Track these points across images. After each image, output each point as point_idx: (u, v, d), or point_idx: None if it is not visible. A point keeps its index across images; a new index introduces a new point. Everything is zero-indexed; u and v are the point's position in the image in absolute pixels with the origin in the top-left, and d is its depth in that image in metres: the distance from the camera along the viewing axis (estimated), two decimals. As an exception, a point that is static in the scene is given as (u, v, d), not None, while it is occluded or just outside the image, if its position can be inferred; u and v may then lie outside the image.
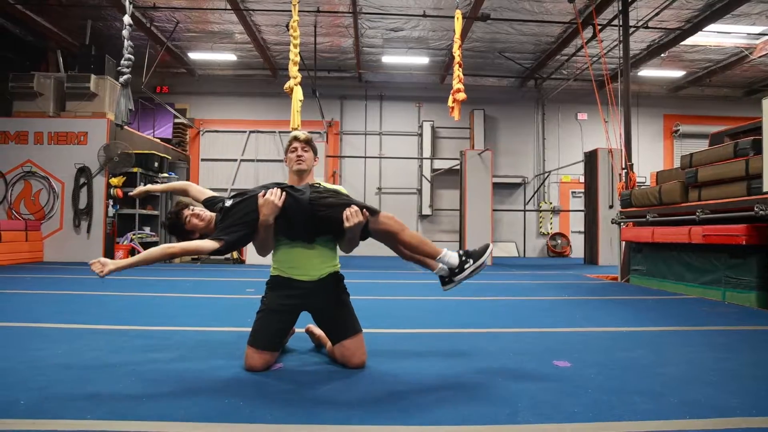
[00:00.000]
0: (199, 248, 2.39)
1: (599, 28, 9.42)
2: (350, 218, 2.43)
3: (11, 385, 2.17)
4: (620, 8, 8.48)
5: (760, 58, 11.86)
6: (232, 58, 13.17)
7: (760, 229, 4.79)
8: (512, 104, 15.18)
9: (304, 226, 2.51)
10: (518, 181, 15.09)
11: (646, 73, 13.51)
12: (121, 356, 2.70)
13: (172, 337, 3.20)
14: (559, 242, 14.91)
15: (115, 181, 9.91)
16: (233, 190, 14.38)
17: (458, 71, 7.40)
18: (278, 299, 2.56)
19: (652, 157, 15.03)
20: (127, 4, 7.22)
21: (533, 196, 15.02)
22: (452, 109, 7.44)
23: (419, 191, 14.85)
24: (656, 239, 6.21)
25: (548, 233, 15.06)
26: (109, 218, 9.96)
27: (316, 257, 2.60)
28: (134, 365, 2.51)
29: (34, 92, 9.99)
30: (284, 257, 2.60)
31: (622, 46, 8.28)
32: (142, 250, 9.90)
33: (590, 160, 11.65)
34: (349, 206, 2.46)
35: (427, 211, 14.68)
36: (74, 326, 3.52)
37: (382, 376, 2.41)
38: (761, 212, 4.60)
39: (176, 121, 13.61)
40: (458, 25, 7.53)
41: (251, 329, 2.52)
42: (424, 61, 13.22)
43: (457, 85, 7.30)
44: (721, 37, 11.07)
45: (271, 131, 14.53)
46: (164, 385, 2.21)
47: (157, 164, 10.74)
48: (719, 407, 1.98)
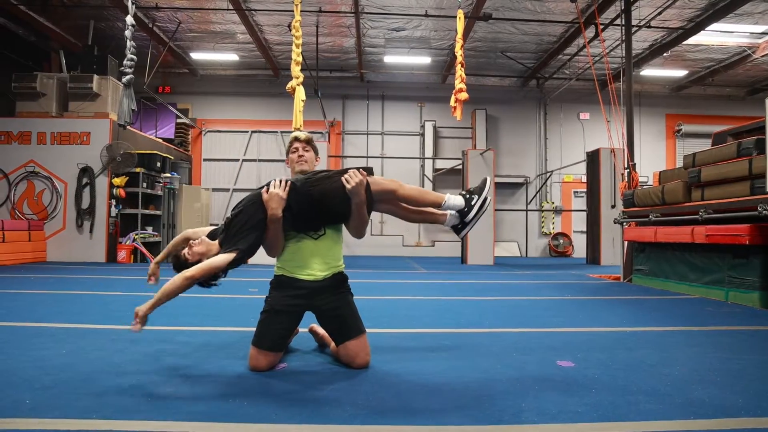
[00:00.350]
0: (214, 265, 2.32)
1: (601, 27, 9.40)
2: (350, 180, 2.45)
3: (17, 384, 2.18)
4: (622, 7, 8.47)
5: (762, 57, 11.84)
6: (234, 58, 13.19)
7: (763, 228, 4.79)
8: (514, 104, 15.17)
9: (308, 211, 2.51)
10: (520, 180, 15.08)
11: (648, 72, 13.50)
12: (125, 356, 2.71)
13: (175, 337, 3.21)
14: (561, 242, 14.90)
15: (117, 181, 9.93)
16: (235, 190, 14.40)
17: (460, 71, 7.40)
18: (283, 300, 2.55)
19: (654, 156, 15.02)
20: (129, 4, 7.24)
21: (535, 195, 15.02)
22: (454, 108, 7.45)
23: (421, 191, 14.83)
24: (659, 239, 6.20)
25: (550, 233, 15.05)
26: (111, 218, 9.98)
27: (322, 256, 2.59)
28: (138, 365, 2.52)
29: (37, 92, 10.01)
30: (290, 257, 2.60)
31: (624, 45, 8.26)
32: (144, 249, 9.93)
33: (592, 159, 11.64)
34: (345, 172, 2.49)
35: (429, 210, 14.66)
36: (78, 326, 3.53)
37: (385, 376, 2.41)
38: (765, 212, 4.59)
39: (178, 121, 13.63)
40: (460, 24, 7.53)
41: (255, 329, 2.53)
42: (425, 60, 13.22)
43: (459, 84, 7.30)
44: (723, 36, 11.05)
45: (273, 131, 14.54)
46: (169, 384, 2.21)
47: (159, 164, 10.75)
48: (725, 407, 1.98)
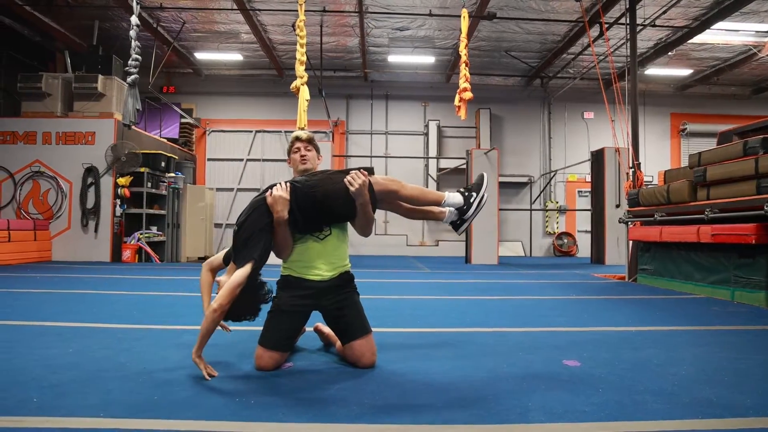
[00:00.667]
0: (234, 284, 2.31)
1: (606, 26, 9.38)
2: (353, 181, 2.46)
3: (24, 383, 2.19)
4: (627, 6, 8.44)
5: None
6: (238, 58, 13.21)
7: (769, 228, 4.76)
8: (518, 103, 15.15)
9: (312, 212, 2.52)
10: (524, 180, 15.06)
11: (653, 71, 13.45)
12: (131, 355, 2.72)
13: (181, 336, 3.21)
14: (565, 241, 14.87)
15: (122, 180, 9.96)
16: (239, 190, 14.42)
17: (465, 70, 7.39)
18: (290, 299, 2.56)
19: (659, 156, 14.97)
20: (134, 4, 7.26)
21: (539, 195, 14.99)
22: (459, 108, 7.44)
23: (425, 191, 14.82)
24: (664, 238, 6.18)
25: (554, 232, 15.02)
26: (116, 218, 10.01)
27: (328, 256, 2.60)
28: (145, 363, 2.53)
29: (42, 92, 10.06)
30: (297, 257, 2.60)
31: (629, 44, 8.24)
32: (149, 249, 9.96)
33: (597, 159, 11.61)
34: (347, 173, 2.50)
35: (433, 210, 14.65)
36: (84, 325, 3.54)
37: (391, 375, 2.41)
38: (771, 211, 4.56)
39: (183, 121, 13.66)
40: (464, 24, 7.53)
41: (262, 329, 2.53)
42: (429, 60, 13.21)
43: (463, 84, 7.30)
44: (729, 35, 11.01)
45: (277, 131, 14.56)
46: (175, 383, 2.21)
47: (164, 164, 10.78)
48: (733, 407, 1.97)
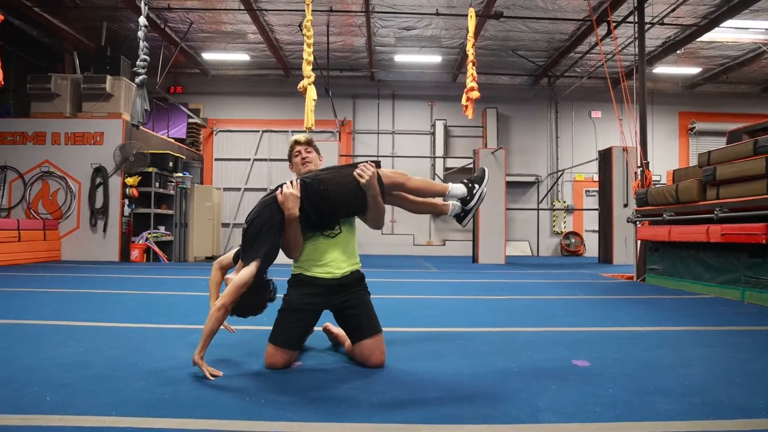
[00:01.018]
0: (240, 282, 2.32)
1: (614, 24, 9.34)
2: (363, 173, 2.50)
3: (37, 381, 2.21)
4: (635, 5, 8.39)
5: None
6: (245, 58, 13.24)
7: (780, 227, 4.72)
8: (525, 102, 15.10)
9: (323, 208, 2.54)
10: (531, 179, 15.01)
11: (661, 70, 13.37)
12: (141, 354, 2.73)
13: (189, 335, 3.23)
14: (572, 241, 14.82)
15: (130, 180, 10.01)
16: (246, 190, 14.47)
17: (472, 69, 7.37)
18: (301, 298, 2.57)
19: (667, 155, 14.88)
20: (142, 5, 7.29)
21: (546, 194, 14.94)
22: (466, 107, 7.43)
23: (432, 190, 14.82)
24: (673, 238, 6.14)
25: (562, 232, 14.97)
26: (124, 217, 10.07)
27: (339, 254, 2.61)
28: (155, 363, 2.54)
29: (51, 93, 10.13)
30: (308, 256, 2.61)
31: (637, 42, 8.19)
32: (157, 248, 10.01)
33: (605, 158, 11.56)
34: (356, 167, 2.54)
35: (439, 210, 14.64)
36: (94, 324, 3.57)
37: (400, 374, 2.41)
38: (782, 210, 4.53)
39: (190, 121, 13.72)
40: (471, 23, 7.51)
41: (272, 327, 2.54)
42: (436, 59, 13.20)
43: (470, 83, 7.28)
44: (738, 32, 10.92)
45: (284, 131, 14.59)
46: (185, 382, 2.22)
47: (171, 164, 10.83)
48: (745, 408, 1.96)
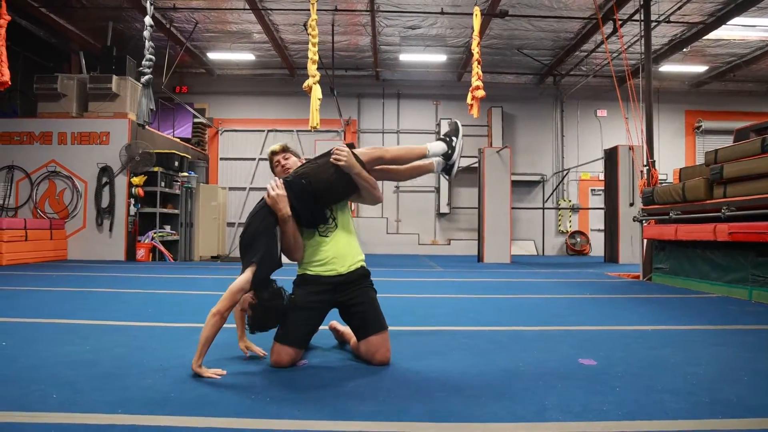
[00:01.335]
0: (236, 288, 2.33)
1: (620, 23, 9.29)
2: (339, 157, 2.53)
3: (43, 379, 2.22)
4: (641, 2, 8.35)
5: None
6: (250, 57, 13.27)
7: (788, 226, 4.69)
8: (531, 101, 15.06)
9: (312, 199, 2.56)
10: (537, 178, 14.97)
11: (667, 68, 13.30)
12: (147, 352, 2.74)
13: (195, 333, 3.19)
14: (578, 240, 14.76)
15: (136, 180, 10.05)
16: (252, 189, 14.49)
17: (477, 68, 7.37)
18: (307, 296, 2.58)
19: (673, 153, 14.81)
20: (148, 5, 7.31)
21: (552, 193, 14.89)
22: (471, 106, 7.42)
23: (437, 189, 14.82)
24: (680, 237, 6.10)
25: (567, 231, 14.92)
26: (130, 217, 10.10)
27: (341, 251, 2.61)
28: (161, 361, 2.55)
29: (57, 93, 10.16)
30: (310, 258, 2.63)
31: (643, 41, 8.15)
32: (163, 248, 10.04)
33: (610, 157, 11.51)
34: (330, 154, 2.58)
35: (445, 209, 14.64)
36: (100, 322, 3.58)
37: (406, 372, 2.41)
38: (790, 209, 4.50)
39: (195, 120, 13.75)
40: (477, 22, 7.50)
41: (278, 325, 2.54)
42: (441, 58, 13.18)
43: (476, 82, 7.27)
44: (745, 30, 10.85)
45: (289, 130, 14.61)
46: (191, 381, 2.23)
47: (177, 163, 10.86)
48: (754, 407, 1.94)
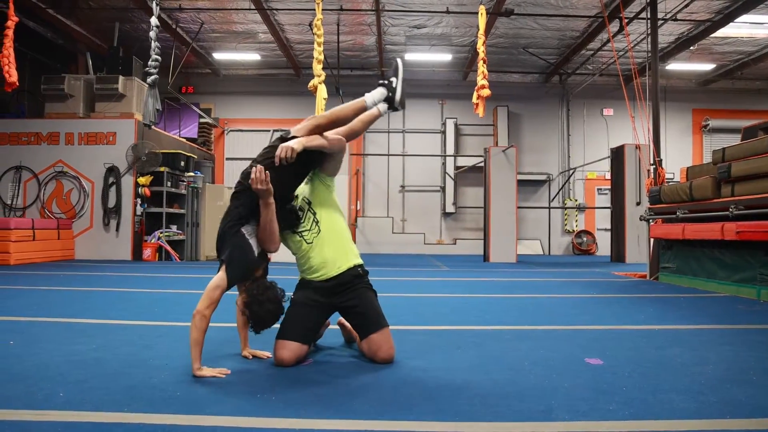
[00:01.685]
0: (212, 285, 2.32)
1: (626, 21, 9.25)
2: (281, 156, 2.40)
3: (51, 377, 2.23)
4: (648, 0, 8.31)
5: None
6: (256, 57, 13.29)
7: (797, 225, 4.65)
8: (536, 100, 15.02)
9: (282, 176, 2.46)
10: (543, 178, 14.93)
11: (674, 66, 13.22)
12: (153, 351, 2.75)
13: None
14: (584, 240, 14.71)
15: (142, 180, 10.08)
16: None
17: (482, 67, 7.35)
18: (305, 297, 2.62)
19: (680, 152, 14.72)
20: (153, 6, 7.35)
21: (558, 193, 14.84)
22: (477, 105, 7.41)
23: (443, 189, 14.79)
24: (687, 236, 6.07)
25: (573, 231, 14.87)
26: (137, 217, 10.15)
27: (328, 254, 2.61)
28: (167, 360, 2.55)
29: (65, 94, 10.22)
30: (301, 264, 2.68)
31: (650, 39, 8.11)
32: (169, 248, 10.07)
33: (617, 156, 11.46)
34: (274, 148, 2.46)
35: (450, 208, 14.62)
36: (107, 321, 3.59)
37: (412, 371, 2.41)
38: (799, 208, 4.46)
39: (201, 120, 13.80)
40: (482, 20, 7.49)
41: (280, 324, 2.54)
42: (446, 57, 13.16)
43: (481, 81, 7.26)
44: (753, 28, 10.78)
45: (294, 130, 14.60)
46: (197, 380, 2.23)
47: (183, 163, 10.89)
48: (763, 407, 1.93)
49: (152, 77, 7.32)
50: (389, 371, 2.41)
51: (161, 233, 10.19)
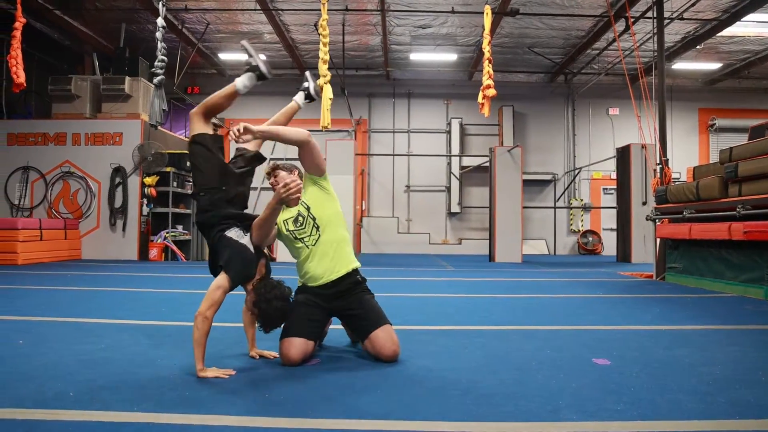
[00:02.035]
0: (213, 287, 2.39)
1: (632, 20, 9.21)
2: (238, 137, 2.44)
3: (61, 377, 2.25)
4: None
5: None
6: (261, 57, 13.27)
7: (805, 225, 4.62)
8: (542, 100, 14.97)
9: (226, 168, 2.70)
10: (548, 177, 14.88)
11: (680, 66, 13.15)
12: (162, 350, 2.77)
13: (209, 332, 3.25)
14: (590, 240, 14.66)
15: (149, 180, 10.13)
16: (263, 189, 14.54)
17: (488, 67, 7.33)
18: (306, 298, 2.67)
19: (686, 152, 14.65)
20: (160, 6, 7.37)
21: (563, 193, 14.80)
22: (482, 105, 7.39)
23: (448, 189, 14.78)
24: (694, 236, 6.04)
25: (579, 231, 14.82)
26: (143, 217, 10.18)
27: (326, 261, 2.64)
28: (175, 359, 2.57)
29: (71, 94, 10.28)
30: (300, 272, 2.72)
31: (656, 38, 8.07)
32: (175, 248, 10.11)
33: (623, 155, 11.41)
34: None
35: (456, 208, 14.60)
36: (115, 321, 3.61)
37: (418, 371, 2.41)
38: (807, 207, 4.43)
39: (207, 121, 13.81)
40: (487, 20, 7.48)
41: (284, 324, 2.56)
42: (452, 57, 13.13)
43: (487, 81, 7.24)
44: (760, 26, 10.71)
45: (299, 130, 14.62)
46: (205, 379, 2.24)
47: (189, 164, 10.92)
48: (771, 407, 1.92)
49: (158, 78, 7.34)
50: (395, 371, 2.42)
51: (167, 233, 10.23)
